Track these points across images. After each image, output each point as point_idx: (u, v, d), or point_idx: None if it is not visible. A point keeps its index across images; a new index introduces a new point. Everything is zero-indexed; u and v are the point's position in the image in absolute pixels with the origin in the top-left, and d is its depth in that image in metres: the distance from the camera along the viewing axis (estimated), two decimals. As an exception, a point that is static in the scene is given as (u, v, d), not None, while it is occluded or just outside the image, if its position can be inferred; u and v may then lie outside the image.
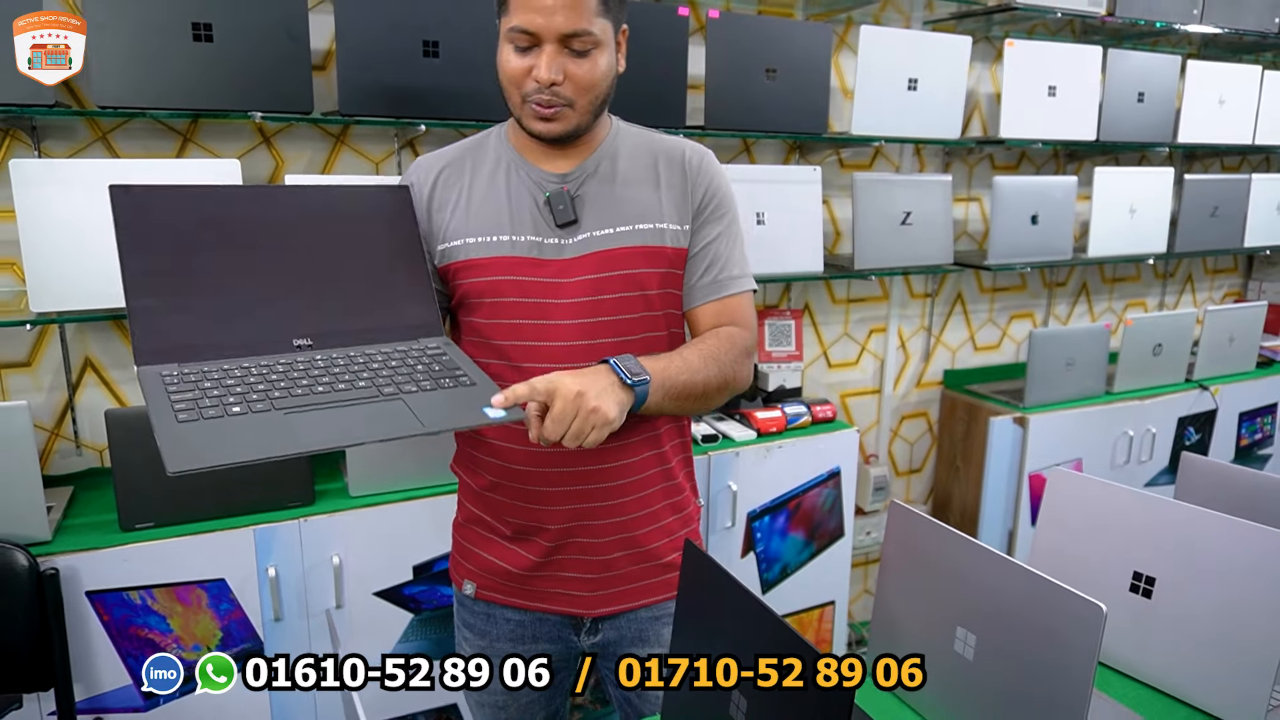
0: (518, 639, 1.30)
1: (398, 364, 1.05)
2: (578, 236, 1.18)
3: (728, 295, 1.24)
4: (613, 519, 1.24)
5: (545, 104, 1.11)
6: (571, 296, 1.16)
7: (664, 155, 1.23)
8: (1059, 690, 0.95)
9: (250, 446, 0.87)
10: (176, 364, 0.97)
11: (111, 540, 1.58)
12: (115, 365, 1.87)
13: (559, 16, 1.07)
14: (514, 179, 1.20)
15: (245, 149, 1.88)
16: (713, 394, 1.18)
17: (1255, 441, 3.11)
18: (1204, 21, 2.72)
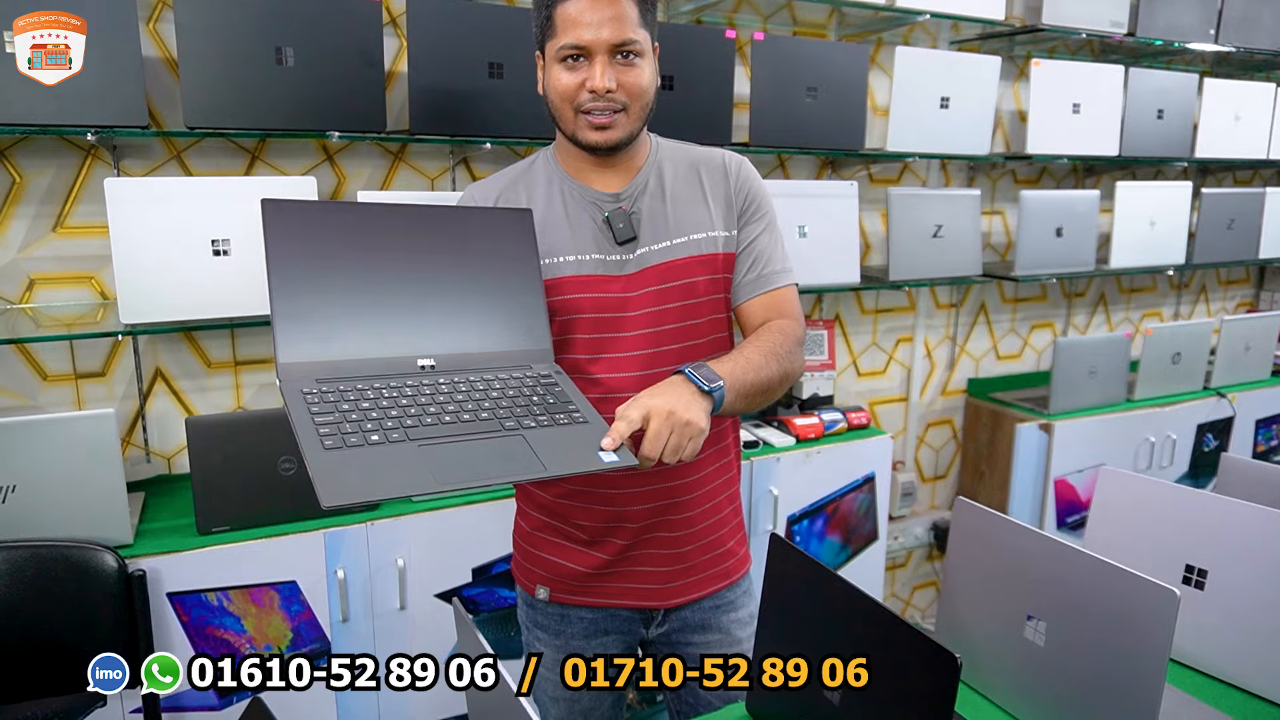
0: (590, 634, 1.36)
1: (515, 393, 1.08)
2: (638, 252, 1.24)
3: (773, 289, 1.29)
4: (685, 514, 1.30)
5: (601, 111, 1.18)
6: (638, 309, 1.23)
7: (705, 165, 1.30)
8: (1133, 675, 1.01)
9: (392, 484, 0.91)
10: (315, 379, 1.00)
11: (189, 543, 1.64)
12: (184, 376, 1.94)
13: (606, 30, 1.14)
14: (570, 200, 1.26)
15: (310, 166, 1.95)
16: (776, 388, 1.22)
17: (1271, 448, 3.18)
18: (1219, 41, 2.81)
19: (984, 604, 1.21)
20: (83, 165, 1.78)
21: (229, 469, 1.66)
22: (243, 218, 1.67)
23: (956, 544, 1.26)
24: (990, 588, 1.20)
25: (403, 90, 1.86)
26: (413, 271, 1.10)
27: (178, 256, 1.64)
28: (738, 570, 1.38)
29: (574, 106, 1.19)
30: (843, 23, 2.48)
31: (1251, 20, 2.85)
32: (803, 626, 1.06)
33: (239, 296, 1.70)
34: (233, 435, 1.66)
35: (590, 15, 1.14)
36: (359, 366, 1.03)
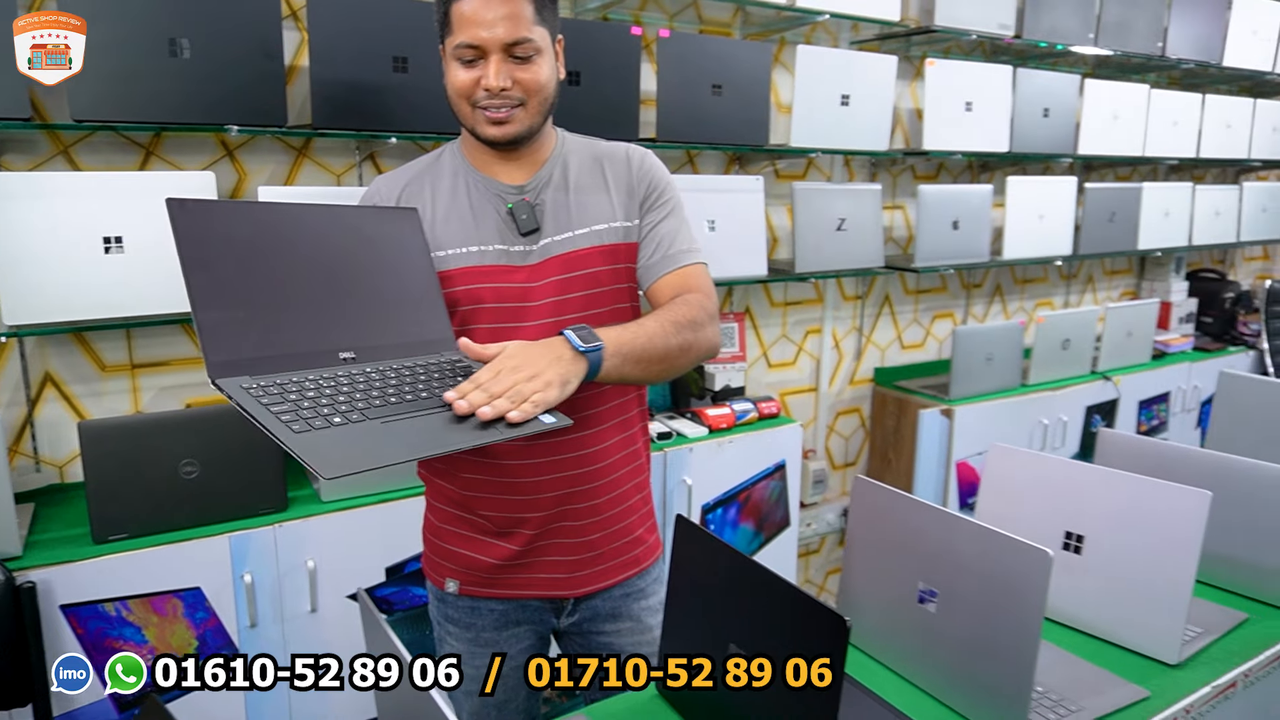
0: (501, 626, 1.37)
1: (439, 376, 1.11)
2: (541, 243, 1.26)
3: (680, 267, 1.30)
4: (591, 502, 1.32)
5: (497, 107, 1.20)
6: (540, 299, 1.25)
7: (608, 158, 1.33)
8: (1013, 632, 1.08)
9: (380, 454, 0.94)
10: (248, 375, 1.01)
11: (84, 553, 1.58)
12: (76, 380, 1.86)
13: (500, 28, 1.16)
14: (475, 192, 1.28)
15: (208, 162, 1.90)
16: (675, 356, 1.20)
17: (1153, 427, 3.39)
18: (1098, 44, 2.98)
19: (881, 576, 1.27)
20: (-41, 160, 1.70)
21: (126, 474, 1.61)
22: (137, 214, 1.62)
23: (855, 520, 1.32)
24: (887, 560, 1.26)
25: (306, 85, 1.82)
26: (318, 269, 1.12)
27: (66, 254, 1.58)
28: (647, 557, 1.40)
29: (471, 102, 1.21)
30: (747, 21, 2.54)
31: (1126, 25, 3.04)
32: (708, 602, 1.10)
33: (134, 295, 1.65)
34: (130, 439, 1.60)
35: (484, 14, 1.15)
36: (286, 362, 1.05)
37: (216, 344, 1.00)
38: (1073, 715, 1.14)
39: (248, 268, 1.06)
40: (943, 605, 1.17)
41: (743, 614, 1.04)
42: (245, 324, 1.03)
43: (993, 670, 1.10)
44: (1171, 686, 1.22)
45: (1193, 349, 3.63)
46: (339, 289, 1.13)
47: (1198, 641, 1.32)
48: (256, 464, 1.72)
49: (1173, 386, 3.41)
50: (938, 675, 1.19)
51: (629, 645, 1.38)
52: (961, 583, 1.15)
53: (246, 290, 1.05)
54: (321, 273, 1.12)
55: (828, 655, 0.89)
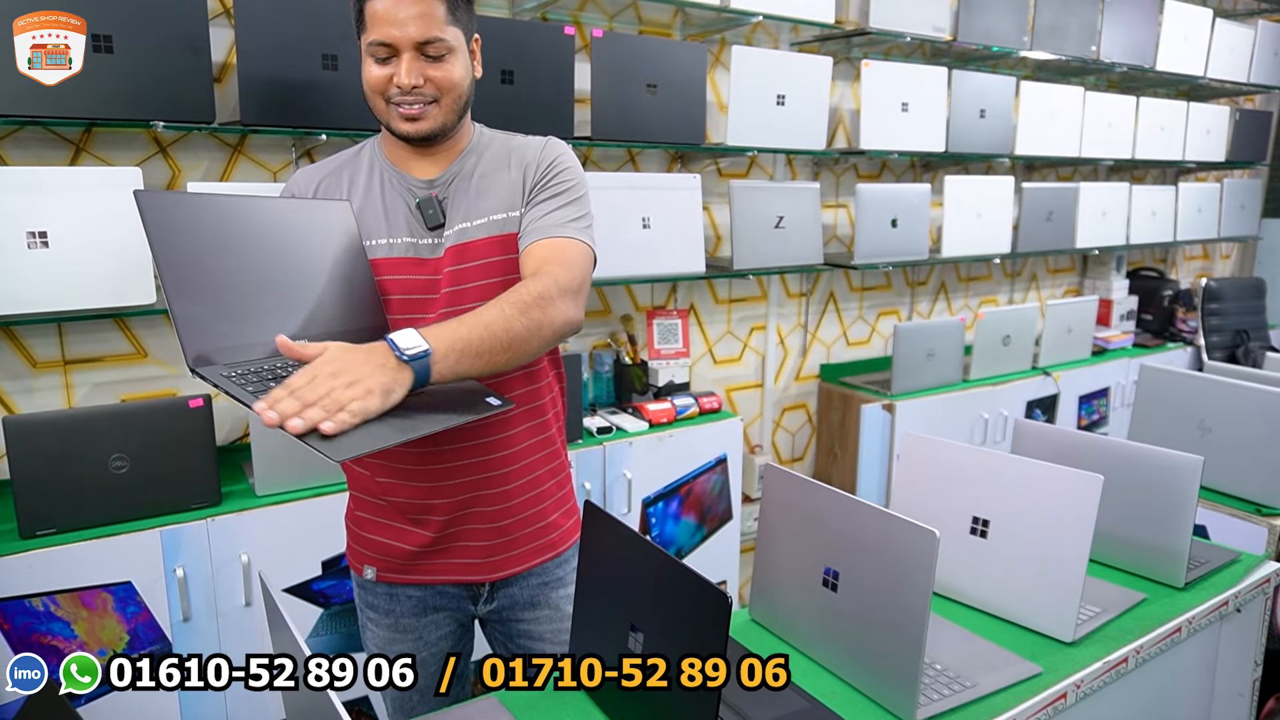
0: (419, 612, 1.39)
1: None
2: (445, 235, 1.29)
3: (550, 238, 1.25)
4: (503, 487, 1.34)
5: (410, 104, 1.22)
6: (442, 289, 1.27)
7: (517, 150, 1.34)
8: (905, 609, 1.12)
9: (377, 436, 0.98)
10: (224, 365, 1.05)
11: (10, 548, 1.59)
12: (7, 377, 1.85)
13: (411, 27, 1.18)
14: (388, 186, 1.30)
15: (141, 158, 1.90)
16: (522, 341, 1.13)
17: (1093, 421, 3.48)
18: (1034, 48, 3.06)
19: (790, 560, 1.31)
20: (-118, 155, 1.69)
21: (54, 469, 1.61)
22: (61, 210, 1.62)
23: (767, 507, 1.36)
24: (795, 545, 1.30)
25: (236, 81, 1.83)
26: (274, 261, 1.17)
27: (-13, 248, 1.58)
28: (563, 542, 1.42)
29: (385, 98, 1.23)
30: (686, 23, 2.58)
31: (1060, 29, 3.12)
32: (612, 584, 1.13)
33: (63, 291, 1.65)
34: (57, 434, 1.61)
35: (396, 13, 1.17)
36: (252, 349, 1.09)
37: (193, 335, 1.04)
38: (966, 691, 1.19)
39: (212, 259, 1.10)
40: (844, 586, 1.21)
41: (642, 596, 1.07)
42: (215, 314, 1.07)
43: (887, 648, 1.15)
44: (1064, 663, 1.27)
45: (1133, 345, 3.73)
46: (289, 278, 1.17)
47: (1094, 620, 1.37)
48: (189, 458, 1.73)
49: (1112, 382, 3.51)
50: (839, 654, 1.23)
51: (548, 633, 1.41)
52: (860, 564, 1.19)
53: (214, 282, 1.09)
54: (274, 263, 1.17)
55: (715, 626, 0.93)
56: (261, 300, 1.13)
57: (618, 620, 1.09)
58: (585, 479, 2.22)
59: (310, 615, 1.87)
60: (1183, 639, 1.41)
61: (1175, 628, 1.39)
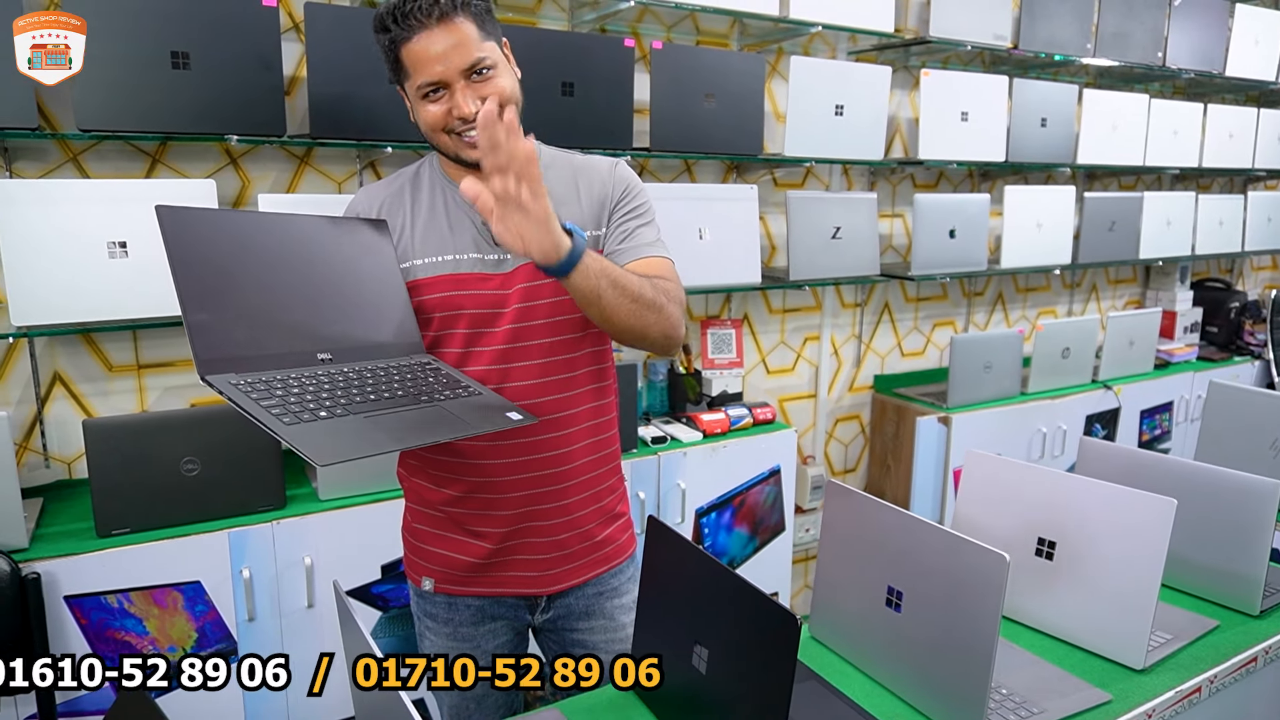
0: (478, 622, 1.41)
1: (412, 376, 1.18)
2: None
3: (643, 257, 1.30)
4: (562, 501, 1.35)
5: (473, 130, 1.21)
6: (510, 305, 1.28)
7: (581, 170, 1.36)
8: (973, 633, 1.11)
9: (367, 444, 1.01)
10: (235, 373, 1.07)
11: (88, 546, 1.64)
12: (84, 379, 1.92)
13: (454, 58, 1.19)
14: (451, 203, 1.32)
15: (213, 169, 1.96)
16: (645, 306, 1.19)
17: (1155, 436, 3.39)
18: (1097, 55, 3.00)
19: (852, 579, 1.30)
20: (-26, 168, 1.77)
21: (129, 471, 1.66)
22: (140, 220, 1.67)
23: (828, 525, 1.35)
24: (858, 563, 1.29)
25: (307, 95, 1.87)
26: (298, 275, 1.18)
27: (72, 259, 1.64)
28: (619, 555, 1.43)
29: (447, 131, 1.24)
30: (744, 33, 2.58)
31: (1125, 36, 3.05)
32: (675, 601, 1.13)
33: (140, 299, 1.71)
34: (133, 437, 1.66)
35: (434, 49, 1.18)
36: (269, 361, 1.11)
37: (205, 343, 1.06)
38: (1034, 717, 1.16)
39: (232, 272, 1.11)
40: (908, 607, 1.20)
41: (708, 612, 1.07)
42: (231, 325, 1.09)
43: (953, 671, 1.13)
44: (1135, 691, 1.24)
45: (1197, 359, 3.63)
46: (316, 294, 1.18)
47: (1166, 647, 1.34)
48: (256, 462, 1.77)
49: (1176, 396, 3.41)
50: (903, 676, 1.22)
51: (601, 643, 1.41)
52: (925, 586, 1.18)
53: (231, 293, 1.10)
54: (300, 278, 1.18)
55: (782, 650, 0.93)
56: (282, 312, 1.15)
57: (681, 635, 1.09)
58: (640, 488, 2.23)
59: (369, 618, 1.91)
60: (1258, 669, 1.37)
61: (1250, 657, 1.35)
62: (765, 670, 0.95)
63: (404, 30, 1.19)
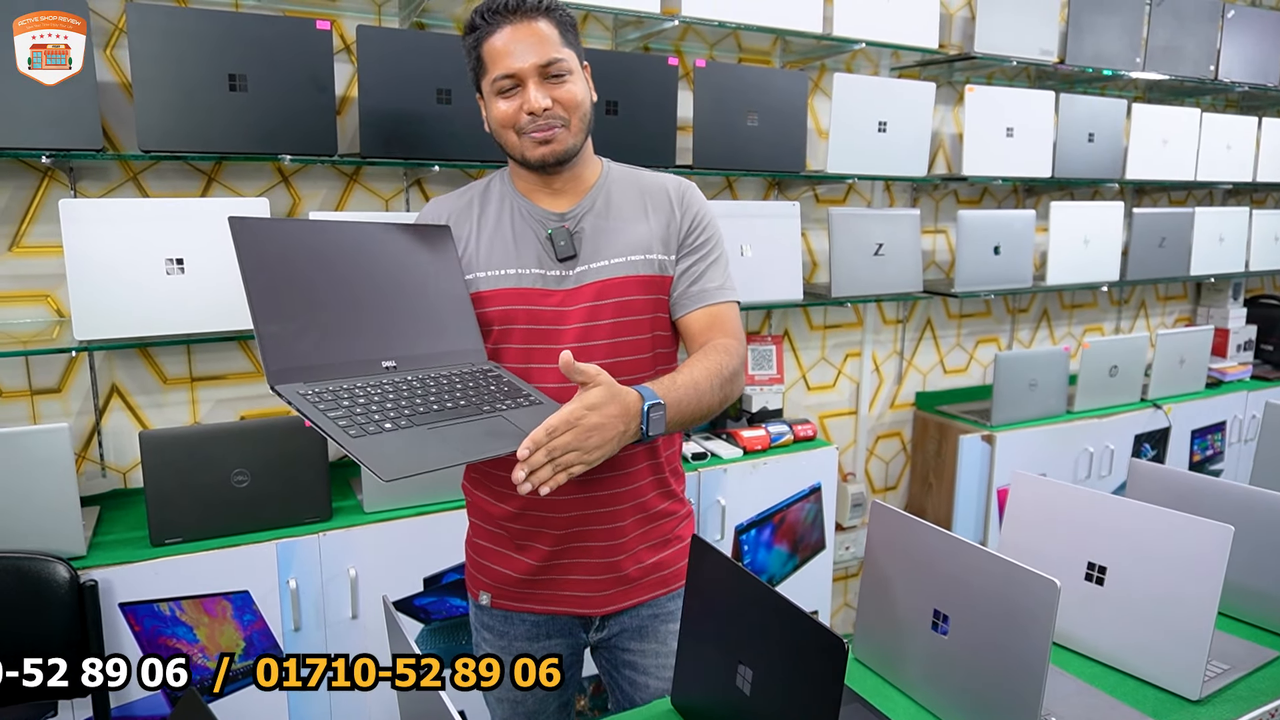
0: (534, 637, 1.42)
1: (474, 384, 1.20)
2: (577, 269, 1.31)
3: (713, 304, 1.35)
4: (613, 524, 1.36)
5: (543, 128, 1.25)
6: (573, 323, 1.30)
7: (650, 190, 1.37)
8: (1022, 659, 1.09)
9: (431, 459, 1.03)
10: (303, 383, 1.09)
11: (142, 554, 1.68)
12: (140, 391, 1.98)
13: (531, 54, 1.23)
14: (518, 218, 1.34)
15: (266, 187, 2.01)
16: (709, 414, 1.27)
17: (1207, 457, 3.30)
18: (1146, 69, 2.95)
19: (897, 601, 1.29)
20: (40, 186, 1.83)
21: (182, 482, 1.71)
22: (196, 238, 1.72)
23: (873, 546, 1.34)
24: (903, 586, 1.28)
25: (357, 114, 1.92)
26: (363, 283, 1.21)
27: (131, 275, 1.69)
28: (677, 580, 1.42)
29: (516, 129, 1.27)
30: (786, 50, 2.58)
31: (1175, 49, 3.00)
32: (720, 621, 1.13)
33: (194, 314, 1.75)
34: (186, 449, 1.70)
35: (514, 44, 1.22)
36: (336, 370, 1.13)
37: (275, 353, 1.08)
38: (1085, 746, 1.14)
39: (301, 281, 1.14)
40: (955, 631, 1.18)
41: (752, 633, 1.07)
42: (300, 334, 1.11)
43: (1002, 698, 1.11)
44: (1190, 721, 1.21)
45: (1251, 378, 3.53)
46: (381, 301, 1.21)
47: (1222, 678, 1.30)
48: (303, 475, 1.81)
49: (1229, 416, 3.33)
50: (949, 701, 1.20)
51: (652, 666, 1.41)
52: (973, 610, 1.16)
53: (300, 302, 1.13)
54: (366, 286, 1.21)
55: (829, 674, 0.92)
56: (348, 320, 1.17)
57: (725, 655, 1.09)
58: (679, 504, 2.23)
59: (411, 630, 1.93)
60: (1320, 701, 1.33)
61: (1312, 689, 1.31)
62: (811, 694, 0.94)
63: (490, 25, 1.23)
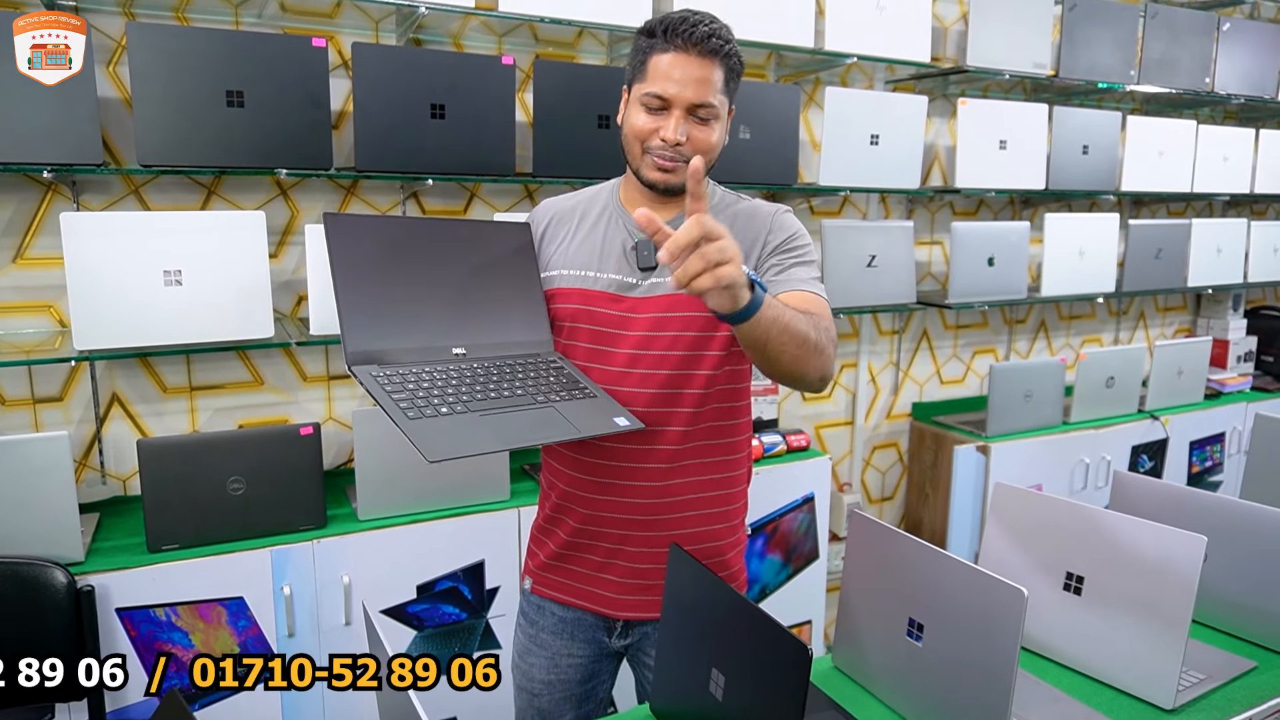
0: (558, 632, 1.46)
1: (535, 374, 1.28)
2: (652, 280, 1.34)
3: (799, 290, 1.30)
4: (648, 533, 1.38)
5: (668, 158, 1.28)
6: (635, 330, 1.33)
7: (744, 215, 1.37)
8: (991, 667, 1.11)
9: (474, 443, 1.12)
10: (378, 365, 1.19)
11: (139, 560, 1.72)
12: (140, 400, 2.01)
13: (690, 89, 1.24)
14: (611, 225, 1.38)
15: (264, 200, 2.05)
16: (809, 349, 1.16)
17: (1206, 469, 3.30)
18: (1141, 81, 2.97)
19: (875, 610, 1.30)
20: (43, 200, 1.87)
21: (179, 489, 1.74)
22: (194, 250, 1.76)
23: (851, 555, 1.36)
24: (880, 594, 1.30)
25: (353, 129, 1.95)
26: (440, 274, 1.30)
27: (131, 286, 1.72)
28: None
29: (643, 146, 1.29)
30: (780, 64, 2.61)
31: (1170, 62, 3.02)
32: (695, 625, 1.15)
33: (192, 324, 1.79)
34: (183, 456, 1.74)
35: (680, 73, 1.23)
36: (407, 354, 1.23)
37: (354, 337, 1.19)
38: (1056, 754, 1.16)
39: (383, 272, 1.25)
40: (929, 640, 1.20)
41: (726, 640, 1.09)
42: (377, 320, 1.22)
43: (972, 704, 1.13)
44: (1164, 730, 1.22)
45: (1251, 389, 3.53)
46: (456, 292, 1.31)
47: (1198, 688, 1.31)
48: (299, 482, 1.84)
49: (1228, 427, 3.33)
50: (922, 708, 1.22)
51: None
52: (946, 618, 1.18)
53: (380, 291, 1.23)
54: (443, 277, 1.30)
55: (794, 679, 0.94)
56: (423, 308, 1.27)
57: (701, 660, 1.11)
58: (671, 514, 2.25)
59: (405, 637, 1.95)
60: (1297, 712, 1.34)
61: (1288, 699, 1.32)
62: (778, 699, 0.96)
63: (667, 43, 1.25)
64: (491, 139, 2.00)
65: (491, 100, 1.98)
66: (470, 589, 2.00)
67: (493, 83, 1.97)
